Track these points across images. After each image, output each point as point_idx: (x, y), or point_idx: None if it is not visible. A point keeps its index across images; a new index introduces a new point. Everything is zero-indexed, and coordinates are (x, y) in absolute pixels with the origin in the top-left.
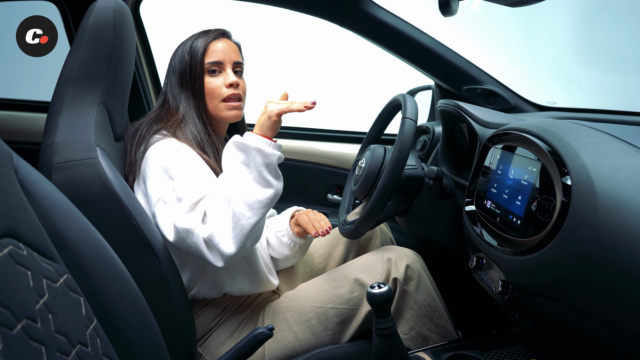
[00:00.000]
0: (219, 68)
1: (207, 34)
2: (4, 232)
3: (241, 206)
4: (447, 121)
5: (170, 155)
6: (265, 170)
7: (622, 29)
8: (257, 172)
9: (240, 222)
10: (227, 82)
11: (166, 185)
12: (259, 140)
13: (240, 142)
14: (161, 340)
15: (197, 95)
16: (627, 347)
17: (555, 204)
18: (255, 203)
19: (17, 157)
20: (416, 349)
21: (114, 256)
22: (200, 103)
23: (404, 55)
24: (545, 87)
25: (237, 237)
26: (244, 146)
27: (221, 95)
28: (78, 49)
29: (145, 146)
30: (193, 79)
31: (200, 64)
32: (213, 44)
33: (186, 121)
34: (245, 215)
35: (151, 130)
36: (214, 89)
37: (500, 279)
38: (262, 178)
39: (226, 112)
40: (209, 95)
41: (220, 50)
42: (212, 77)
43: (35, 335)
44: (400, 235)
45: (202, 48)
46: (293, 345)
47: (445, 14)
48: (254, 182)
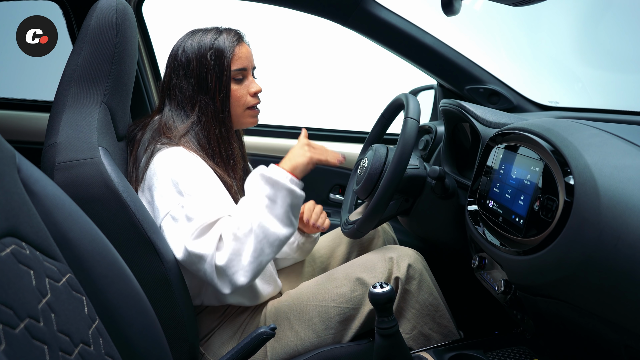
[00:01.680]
0: (243, 75)
1: (226, 34)
2: (6, 232)
3: (263, 242)
4: (449, 121)
5: (180, 168)
6: (291, 211)
7: (625, 28)
8: (283, 211)
9: (259, 258)
10: (253, 90)
11: (175, 201)
12: (291, 180)
13: (272, 179)
14: (163, 340)
15: (222, 102)
16: (630, 347)
17: (558, 204)
18: (275, 241)
19: (20, 157)
20: (418, 348)
21: (117, 255)
22: (224, 110)
23: (407, 54)
24: (548, 87)
25: (253, 271)
26: (275, 183)
27: (247, 103)
28: (80, 49)
29: (151, 153)
30: (220, 86)
31: (228, 71)
32: (238, 49)
33: (198, 127)
34: (265, 252)
35: (156, 136)
36: (240, 97)
37: (502, 279)
38: (287, 217)
39: (249, 120)
40: (235, 102)
41: (245, 55)
42: (237, 85)
43: (38, 334)
44: (402, 235)
45: (229, 53)
46: (295, 344)
47: (448, 14)
48: (277, 220)
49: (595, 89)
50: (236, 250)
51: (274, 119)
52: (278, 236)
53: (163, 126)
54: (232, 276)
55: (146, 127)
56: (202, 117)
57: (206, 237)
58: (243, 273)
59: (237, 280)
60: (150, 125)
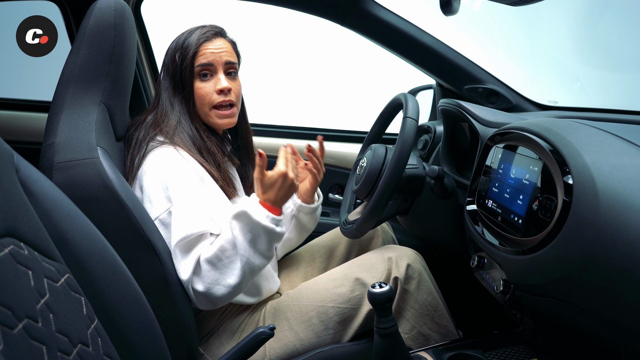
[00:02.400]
0: (210, 71)
1: (200, 30)
2: (5, 232)
3: (247, 276)
4: (448, 120)
5: (170, 172)
6: (271, 245)
7: (623, 27)
8: (266, 247)
9: (240, 286)
10: (218, 87)
11: (164, 206)
12: (272, 219)
13: (253, 220)
14: (162, 340)
15: (188, 101)
16: (629, 346)
17: (557, 203)
18: (256, 271)
19: (18, 157)
20: (417, 348)
21: (115, 256)
22: (192, 109)
23: (405, 54)
24: (547, 86)
25: (234, 295)
26: (256, 224)
27: (211, 101)
28: (79, 49)
29: (144, 152)
30: (183, 84)
31: (190, 68)
32: (204, 45)
33: (182, 125)
34: (245, 283)
35: (147, 136)
36: (204, 95)
37: (501, 279)
38: (269, 251)
39: (217, 120)
40: (199, 101)
41: (210, 51)
42: (202, 82)
43: (36, 334)
44: (401, 234)
45: (193, 50)
46: (294, 344)
47: (447, 13)
48: (259, 255)
49: (594, 89)
50: (214, 279)
51: (273, 118)
52: (260, 267)
53: (159, 120)
54: (211, 299)
55: (140, 127)
56: (181, 116)
57: (186, 260)
58: (222, 298)
59: (215, 302)
60: (145, 124)
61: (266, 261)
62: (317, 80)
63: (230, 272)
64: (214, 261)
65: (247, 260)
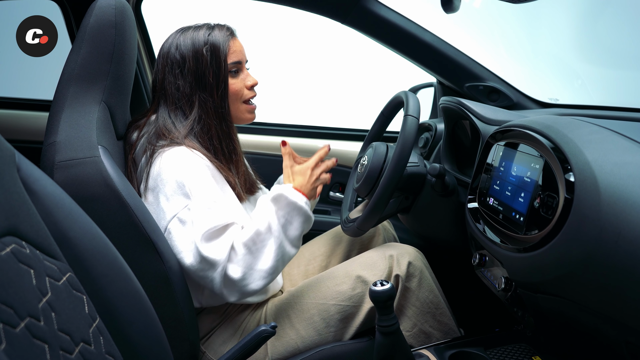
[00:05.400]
0: (239, 68)
1: (219, 29)
2: (6, 231)
3: (280, 261)
4: (449, 118)
5: (185, 169)
6: (301, 231)
7: (624, 25)
8: (297, 233)
9: (274, 274)
10: (249, 83)
11: (182, 203)
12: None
13: (291, 201)
14: (164, 338)
15: (221, 97)
16: (631, 343)
17: (558, 201)
18: (287, 259)
19: (20, 156)
20: (419, 346)
21: (117, 254)
22: (224, 105)
23: (406, 52)
24: (548, 84)
25: (267, 283)
26: (293, 205)
27: (243, 97)
28: (80, 48)
29: (151, 153)
30: (218, 81)
31: (225, 65)
32: (232, 42)
33: (199, 126)
34: (279, 269)
35: (155, 136)
36: (238, 90)
37: (503, 276)
38: (298, 240)
39: (247, 115)
40: (233, 97)
41: (239, 49)
42: (233, 78)
43: (39, 333)
44: (403, 232)
45: (225, 47)
46: (296, 342)
47: (448, 11)
48: (289, 242)
49: (595, 86)
50: (250, 264)
51: (273, 117)
52: (290, 255)
53: (162, 129)
54: (244, 287)
55: (142, 128)
56: (202, 115)
57: (217, 242)
58: (255, 286)
59: (247, 291)
60: (147, 126)
61: (295, 250)
62: (317, 78)
63: (266, 256)
64: (249, 244)
65: (280, 243)
